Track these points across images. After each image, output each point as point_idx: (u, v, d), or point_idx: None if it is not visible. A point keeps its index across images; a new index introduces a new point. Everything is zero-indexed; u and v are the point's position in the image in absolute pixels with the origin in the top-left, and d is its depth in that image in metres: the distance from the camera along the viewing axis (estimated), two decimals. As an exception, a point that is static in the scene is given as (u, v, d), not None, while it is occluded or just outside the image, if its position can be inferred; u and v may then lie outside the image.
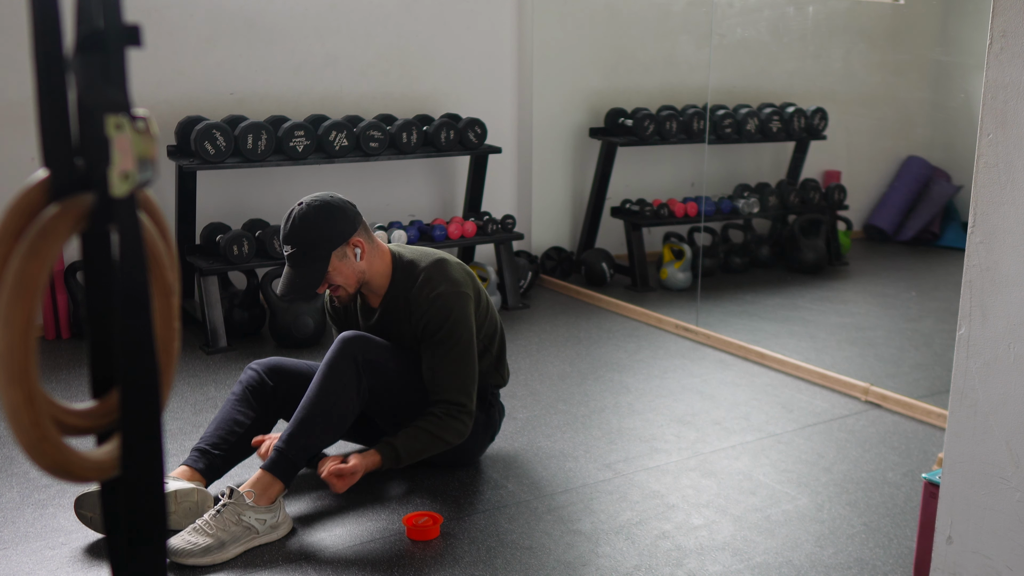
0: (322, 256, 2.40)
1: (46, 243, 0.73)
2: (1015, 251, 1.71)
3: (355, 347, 2.42)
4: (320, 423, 2.36)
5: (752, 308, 4.64)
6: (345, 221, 2.43)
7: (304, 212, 2.40)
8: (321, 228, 2.39)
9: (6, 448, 2.79)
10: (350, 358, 2.40)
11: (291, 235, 2.41)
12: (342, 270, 2.44)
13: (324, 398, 2.37)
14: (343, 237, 2.42)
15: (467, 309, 2.50)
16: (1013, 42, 1.67)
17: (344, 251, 2.43)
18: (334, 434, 2.41)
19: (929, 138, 6.33)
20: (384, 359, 2.47)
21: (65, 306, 3.85)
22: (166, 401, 0.82)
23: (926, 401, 3.24)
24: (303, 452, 2.33)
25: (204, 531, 2.19)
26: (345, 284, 2.47)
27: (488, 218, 4.51)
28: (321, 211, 2.41)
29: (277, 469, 2.30)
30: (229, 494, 2.24)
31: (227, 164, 3.81)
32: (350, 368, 2.40)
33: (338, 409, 2.38)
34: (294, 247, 2.41)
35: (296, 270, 2.42)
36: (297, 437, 2.33)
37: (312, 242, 2.39)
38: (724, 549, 2.32)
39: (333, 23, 4.39)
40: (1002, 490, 1.79)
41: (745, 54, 5.56)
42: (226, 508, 2.22)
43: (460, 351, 2.48)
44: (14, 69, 3.70)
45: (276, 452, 2.32)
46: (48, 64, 0.73)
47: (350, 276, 2.47)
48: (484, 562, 2.24)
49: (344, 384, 2.39)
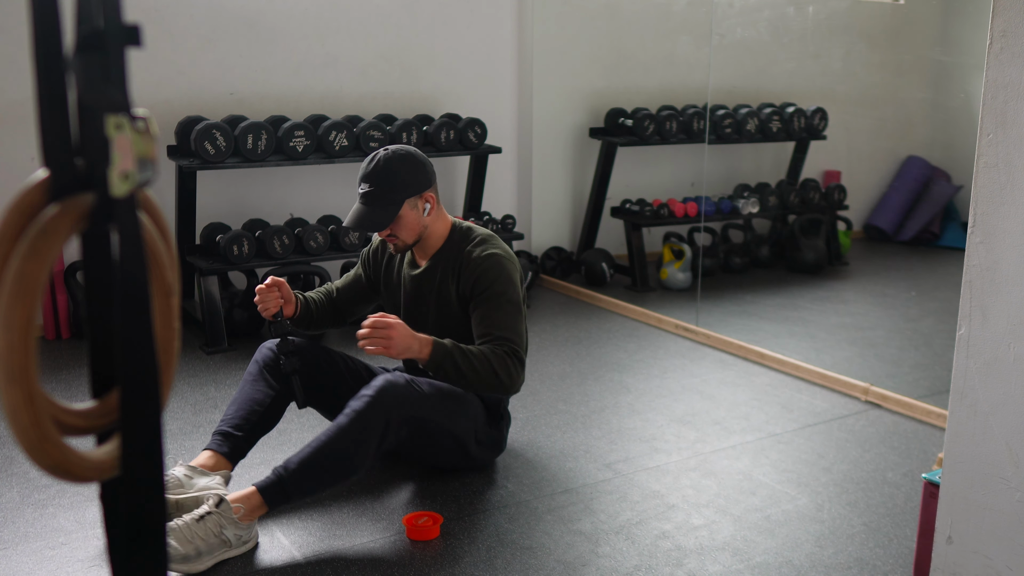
0: (396, 200, 2.45)
1: (46, 243, 0.73)
2: (1015, 251, 1.71)
3: (391, 402, 2.34)
4: (329, 467, 2.29)
5: (752, 308, 4.64)
6: (424, 174, 2.50)
7: (390, 157, 2.46)
8: (402, 175, 2.45)
9: (6, 448, 2.79)
10: (382, 414, 2.32)
11: (372, 175, 2.45)
12: (409, 219, 2.49)
13: (341, 445, 2.29)
14: (419, 188, 2.49)
15: (516, 276, 2.53)
16: (1013, 42, 1.67)
17: (416, 202, 2.49)
18: (338, 481, 2.34)
19: (929, 138, 6.33)
20: (421, 411, 2.40)
21: (65, 306, 3.85)
22: (166, 401, 0.82)
23: (926, 401, 3.24)
24: (300, 489, 2.28)
25: (184, 537, 2.13)
26: (407, 233, 2.51)
27: (488, 218, 4.51)
28: (406, 160, 2.47)
29: (269, 494, 2.26)
30: (217, 503, 2.19)
31: (227, 164, 3.81)
32: (379, 424, 2.32)
33: (352, 461, 2.30)
34: (372, 186, 2.45)
35: (368, 208, 2.46)
36: (300, 471, 2.27)
37: (391, 185, 2.45)
38: (724, 549, 2.32)
39: (333, 23, 4.39)
40: (1002, 490, 1.79)
41: (745, 54, 5.56)
42: (210, 517, 2.16)
43: (513, 307, 2.47)
44: (14, 69, 3.70)
45: (275, 476, 2.28)
46: (48, 64, 0.73)
47: (414, 227, 2.51)
48: (484, 562, 2.24)
49: (366, 438, 2.31)
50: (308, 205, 4.42)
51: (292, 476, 2.27)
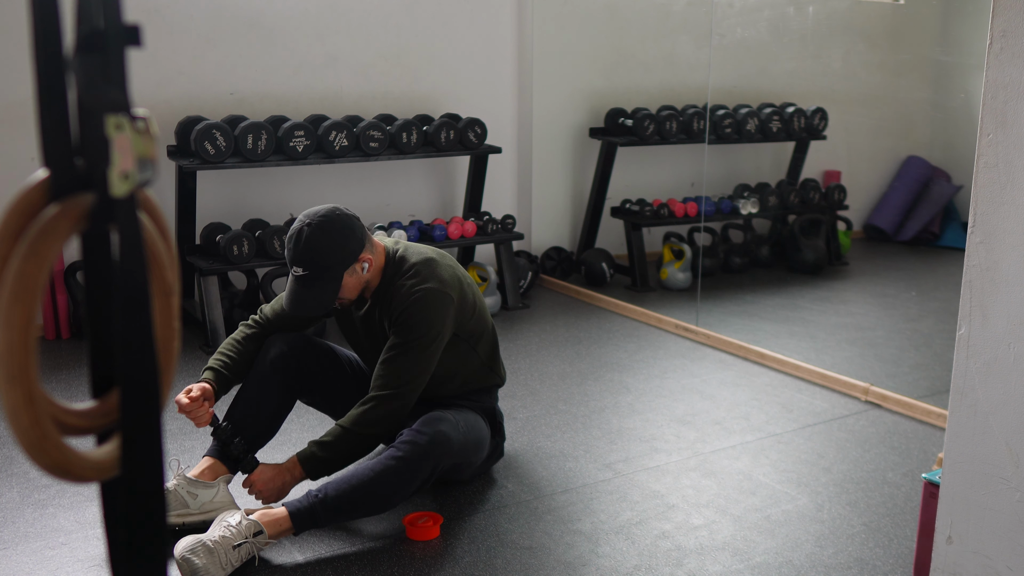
0: (335, 277, 2.35)
1: (46, 243, 0.73)
2: (1015, 251, 1.71)
3: (443, 452, 2.35)
4: (366, 504, 2.29)
5: (752, 308, 4.64)
6: (354, 240, 2.36)
7: (313, 234, 2.31)
8: (333, 250, 2.32)
9: (6, 448, 2.79)
10: (433, 463, 2.34)
11: (302, 258, 2.32)
12: (349, 284, 2.39)
13: (385, 484, 2.29)
14: (353, 256, 2.36)
15: (443, 310, 2.42)
16: (1013, 42, 1.67)
17: (354, 268, 2.38)
18: (370, 515, 2.36)
19: (929, 138, 6.33)
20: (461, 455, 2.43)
21: (65, 306, 3.85)
22: (166, 401, 0.82)
23: (926, 401, 3.24)
24: (331, 519, 2.28)
25: (219, 563, 2.11)
26: (350, 293, 2.42)
27: (488, 218, 4.51)
28: (331, 232, 2.32)
29: (299, 520, 2.24)
30: (255, 533, 2.18)
31: (227, 164, 3.81)
32: (428, 471, 2.34)
33: (391, 500, 2.31)
34: (306, 270, 2.32)
35: (308, 291, 2.35)
36: (337, 503, 2.25)
37: (325, 265, 2.33)
38: (724, 549, 2.32)
39: (333, 23, 4.39)
40: (1002, 490, 1.79)
41: (745, 54, 5.56)
42: (245, 546, 2.16)
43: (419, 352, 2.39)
44: (14, 69, 3.70)
45: (309, 503, 2.25)
46: (48, 64, 0.73)
47: (356, 288, 2.42)
48: (484, 562, 2.24)
49: (412, 480, 2.32)
50: (308, 205, 4.38)
51: (327, 506, 2.26)
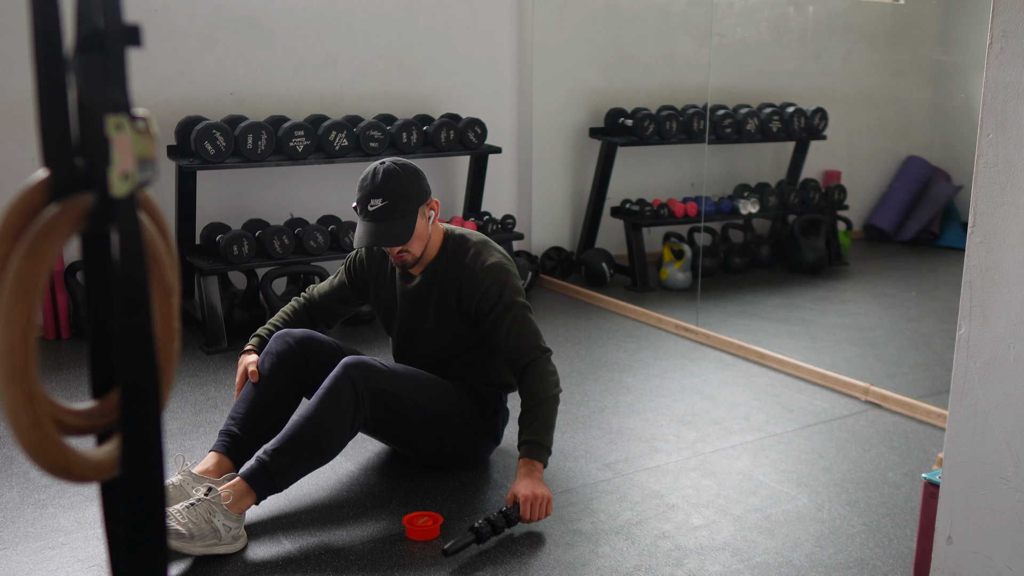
0: (412, 211, 2.42)
1: (46, 243, 0.73)
2: (1015, 251, 1.71)
3: (357, 373, 2.38)
4: (307, 446, 2.31)
5: (752, 308, 4.64)
6: (425, 182, 2.49)
7: (392, 169, 2.42)
8: (411, 184, 2.43)
9: (6, 448, 2.79)
10: (350, 385, 2.36)
11: (383, 189, 2.39)
12: (420, 229, 2.45)
13: (317, 422, 2.32)
14: (426, 196, 2.47)
15: (517, 279, 2.55)
16: (1013, 42, 1.67)
17: (424, 210, 2.47)
18: (320, 461, 2.36)
19: (929, 138, 6.33)
20: (392, 386, 2.43)
21: (65, 306, 3.85)
22: (166, 401, 0.82)
23: (926, 401, 3.24)
24: (285, 472, 2.29)
25: (176, 520, 2.14)
26: (417, 245, 2.47)
27: (488, 218, 4.51)
28: (408, 169, 2.44)
29: (255, 481, 2.27)
30: (207, 491, 2.21)
31: (227, 164, 3.81)
32: (348, 395, 2.36)
33: (328, 436, 2.33)
34: (386, 200, 2.39)
35: (384, 223, 2.40)
36: (282, 453, 2.29)
37: (404, 196, 2.41)
38: (724, 549, 2.32)
39: (333, 23, 4.39)
40: (1002, 490, 1.79)
41: (745, 54, 5.56)
42: (200, 504, 2.18)
43: (526, 312, 2.51)
44: (14, 69, 3.70)
45: (258, 463, 2.29)
46: (48, 64, 0.73)
47: (423, 237, 2.48)
48: (484, 562, 2.24)
49: (340, 412, 2.34)
50: (308, 205, 4.42)
51: (273, 458, 2.29)
